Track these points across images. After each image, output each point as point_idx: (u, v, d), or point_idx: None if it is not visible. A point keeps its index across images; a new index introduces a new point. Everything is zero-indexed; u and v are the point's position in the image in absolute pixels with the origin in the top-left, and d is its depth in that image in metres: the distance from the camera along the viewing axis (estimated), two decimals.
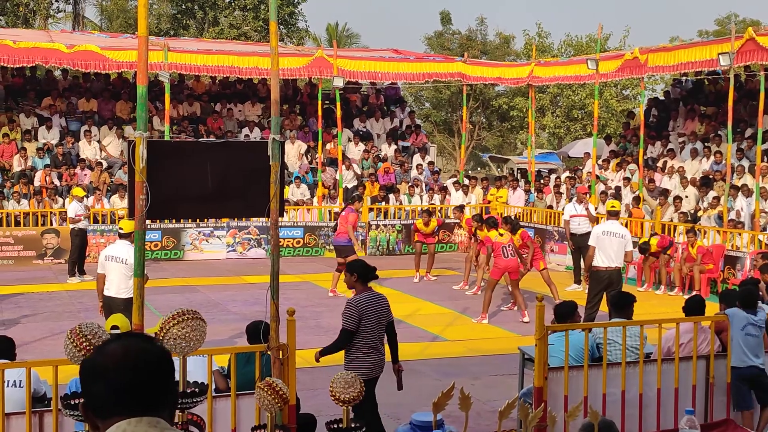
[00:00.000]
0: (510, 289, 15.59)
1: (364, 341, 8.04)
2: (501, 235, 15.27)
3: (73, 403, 5.14)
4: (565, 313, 8.58)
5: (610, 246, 13.38)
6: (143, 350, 2.35)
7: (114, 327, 7.43)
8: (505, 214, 21.65)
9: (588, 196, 19.57)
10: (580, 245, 17.62)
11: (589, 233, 17.87)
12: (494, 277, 14.96)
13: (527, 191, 25.93)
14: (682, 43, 23.97)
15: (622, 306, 8.52)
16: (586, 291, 14.16)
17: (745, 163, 21.39)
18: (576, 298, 15.16)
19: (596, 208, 19.69)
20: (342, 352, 8.22)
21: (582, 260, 16.76)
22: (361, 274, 8.35)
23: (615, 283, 13.26)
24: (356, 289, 8.35)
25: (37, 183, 23.16)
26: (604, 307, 13.11)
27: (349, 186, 25.69)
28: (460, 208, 20.33)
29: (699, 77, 25.92)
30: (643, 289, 18.16)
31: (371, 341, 8.06)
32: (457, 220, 21.12)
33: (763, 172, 19.89)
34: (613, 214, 14.14)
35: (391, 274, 19.89)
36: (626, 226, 20.06)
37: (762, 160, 19.92)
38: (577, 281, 18.02)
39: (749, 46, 18.89)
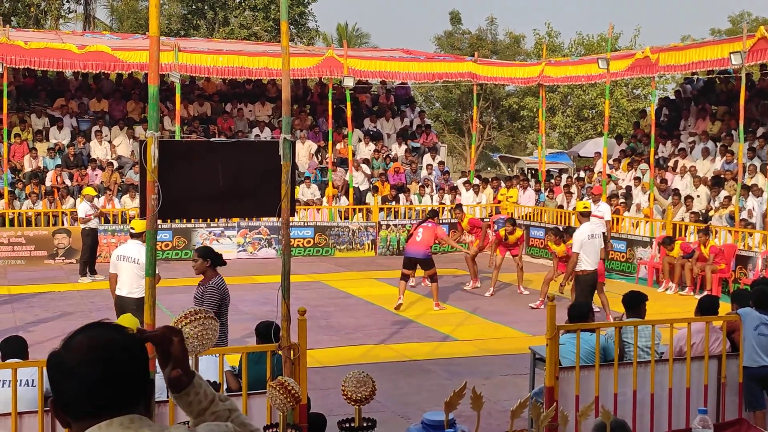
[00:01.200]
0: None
1: (223, 321, 8.74)
2: None
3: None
4: (579, 314, 8.56)
5: (595, 248, 13.40)
6: (110, 341, 2.22)
7: None
8: (555, 225, 21.15)
9: (600, 195, 19.44)
10: None
11: (601, 234, 17.85)
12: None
13: (537, 191, 25.90)
14: (694, 42, 23.90)
15: (635, 305, 8.50)
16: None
17: (757, 162, 21.31)
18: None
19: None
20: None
21: None
22: (214, 260, 8.99)
23: (596, 282, 13.48)
24: (207, 274, 8.96)
25: (48, 183, 23.25)
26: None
27: (361, 188, 25.71)
28: (459, 207, 19.98)
29: (710, 76, 25.84)
30: (662, 289, 18.13)
31: (227, 320, 8.90)
32: (456, 220, 20.62)
33: None
34: (586, 215, 14.05)
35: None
36: (617, 223, 20.25)
37: None
38: None
39: (761, 44, 18.81)
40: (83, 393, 2.17)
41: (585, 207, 14.32)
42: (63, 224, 21.83)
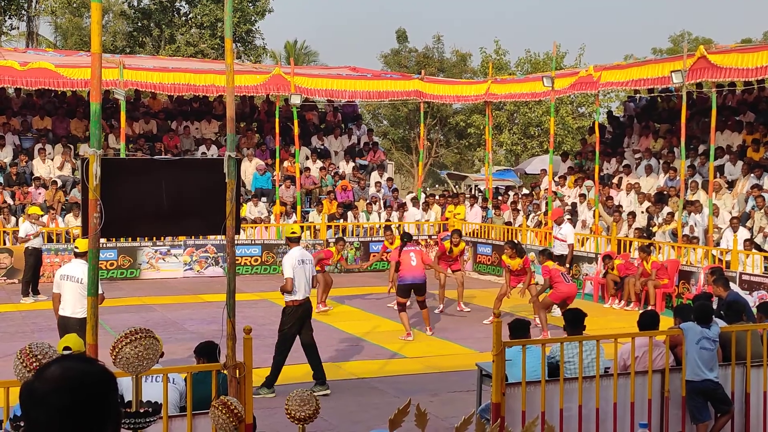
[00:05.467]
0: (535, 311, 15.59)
1: None
2: (558, 264, 15.55)
3: (22, 425, 5.05)
4: (519, 327, 8.69)
5: (306, 274, 11.38)
6: (82, 372, 2.32)
7: (66, 348, 7.32)
8: (510, 239, 20.75)
9: (562, 217, 19.34)
10: None
11: (562, 256, 17.95)
12: (553, 300, 14.96)
13: (484, 208, 26.04)
14: (636, 61, 24.28)
15: (577, 322, 8.55)
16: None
17: (698, 179, 21.67)
18: (557, 322, 15.29)
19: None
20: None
21: None
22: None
23: (307, 314, 11.42)
24: None
25: None
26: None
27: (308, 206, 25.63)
28: (389, 229, 19.70)
29: (652, 95, 26.26)
30: (607, 304, 18.33)
31: None
32: (383, 239, 19.85)
33: (715, 188, 20.16)
34: (295, 240, 11.87)
35: (350, 291, 19.88)
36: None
37: (714, 176, 20.19)
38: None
39: (701, 63, 19.17)
40: (52, 421, 2.24)
41: (293, 232, 12.06)
42: (5, 243, 21.43)
